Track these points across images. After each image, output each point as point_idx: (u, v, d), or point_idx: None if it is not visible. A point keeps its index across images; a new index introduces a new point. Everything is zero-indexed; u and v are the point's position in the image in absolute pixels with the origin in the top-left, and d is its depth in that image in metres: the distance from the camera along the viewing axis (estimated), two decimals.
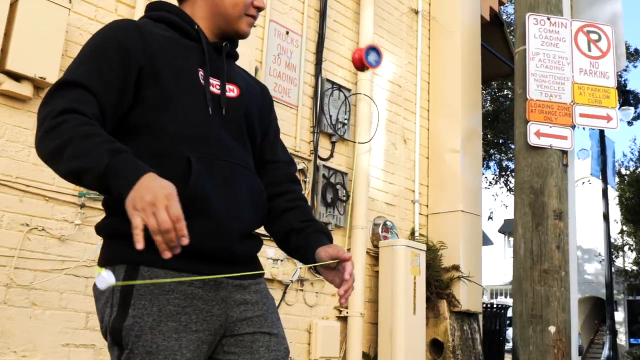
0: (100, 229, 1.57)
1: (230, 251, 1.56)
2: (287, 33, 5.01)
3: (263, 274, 1.76)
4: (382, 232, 5.40)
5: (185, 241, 1.27)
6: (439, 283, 5.56)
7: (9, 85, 3.33)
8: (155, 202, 1.26)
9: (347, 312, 4.96)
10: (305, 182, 4.88)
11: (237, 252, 1.58)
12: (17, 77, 3.36)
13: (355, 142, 5.30)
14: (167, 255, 1.27)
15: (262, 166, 1.81)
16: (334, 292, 5.01)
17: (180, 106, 1.56)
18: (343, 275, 1.61)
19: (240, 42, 1.83)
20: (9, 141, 3.37)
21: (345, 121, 5.30)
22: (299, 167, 4.83)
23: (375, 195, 5.53)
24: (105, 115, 1.49)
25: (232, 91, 1.71)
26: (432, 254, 5.65)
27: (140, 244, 1.24)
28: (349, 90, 5.39)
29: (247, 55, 4.28)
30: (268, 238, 4.49)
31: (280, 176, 1.83)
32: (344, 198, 5.14)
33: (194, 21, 1.70)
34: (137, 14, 3.89)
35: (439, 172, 6.08)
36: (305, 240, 1.73)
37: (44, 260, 3.40)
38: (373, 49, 1.61)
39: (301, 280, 4.76)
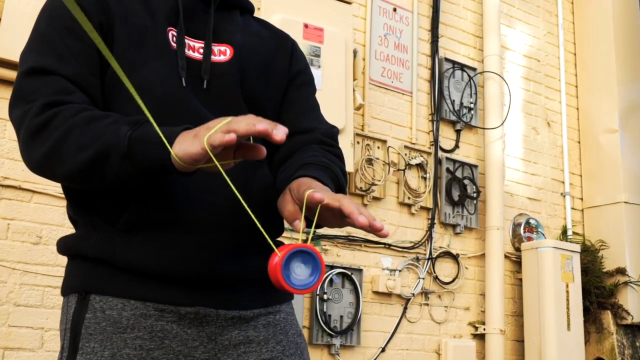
0: (58, 246, 1.20)
1: (213, 272, 1.13)
2: (395, 10, 4.39)
3: (287, 300, 1.27)
4: (524, 232, 4.59)
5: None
6: (600, 291, 4.62)
7: None
8: (212, 125, 0.93)
9: (484, 329, 4.21)
10: (425, 178, 4.21)
11: (225, 272, 1.14)
12: None
13: (484, 129, 4.55)
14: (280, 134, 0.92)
15: (284, 143, 1.28)
16: (467, 305, 4.29)
17: (141, 81, 1.10)
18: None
19: (334, 23, 1.31)
20: None
21: (472, 105, 4.57)
22: (416, 161, 4.18)
23: (515, 190, 4.72)
24: (94, 99, 1.13)
25: (223, 54, 1.23)
26: (590, 256, 4.73)
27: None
28: (474, 69, 4.66)
29: (343, 38, 3.72)
30: (382, 246, 3.93)
31: (296, 145, 1.28)
32: (474, 195, 4.40)
33: None
34: None
35: (594, 158, 5.12)
36: (290, 171, 1.19)
37: None
38: (301, 252, 0.98)
39: (425, 293, 4.09)
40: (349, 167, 3.66)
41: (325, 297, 3.62)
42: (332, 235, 3.76)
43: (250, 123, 0.89)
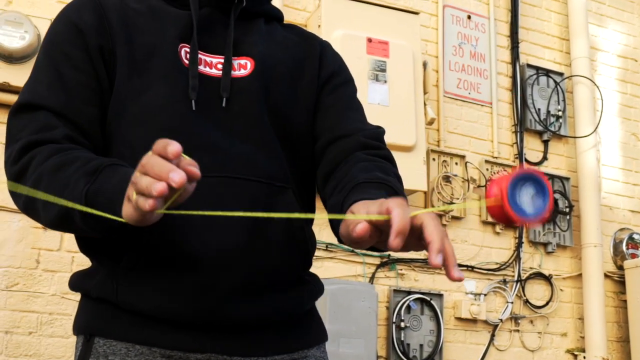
0: (69, 282, 1.15)
1: (222, 315, 1.02)
2: (469, 17, 4.15)
3: (318, 343, 1.17)
4: (627, 248, 4.17)
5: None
6: None
7: None
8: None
9: (584, 357, 3.83)
10: None
11: (237, 315, 1.03)
12: None
13: (575, 138, 4.19)
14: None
15: (321, 152, 1.17)
16: (564, 330, 3.92)
17: (145, 106, 1.06)
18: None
19: (400, 35, 1.25)
20: None
21: (560, 113, 4.22)
22: (499, 176, 3.89)
23: (614, 202, 4.31)
24: (86, 130, 1.05)
25: (243, 67, 1.12)
26: None
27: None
28: (560, 74, 4.31)
29: (410, 50, 3.52)
30: (465, 268, 3.67)
31: (339, 153, 1.14)
32: (567, 210, 4.04)
33: None
34: None
35: None
36: (343, 194, 1.03)
37: None
38: (529, 178, 0.77)
39: (515, 318, 3.77)
40: (422, 185, 3.43)
41: (402, 324, 3.40)
42: (408, 258, 3.54)
43: (164, 172, 0.75)
